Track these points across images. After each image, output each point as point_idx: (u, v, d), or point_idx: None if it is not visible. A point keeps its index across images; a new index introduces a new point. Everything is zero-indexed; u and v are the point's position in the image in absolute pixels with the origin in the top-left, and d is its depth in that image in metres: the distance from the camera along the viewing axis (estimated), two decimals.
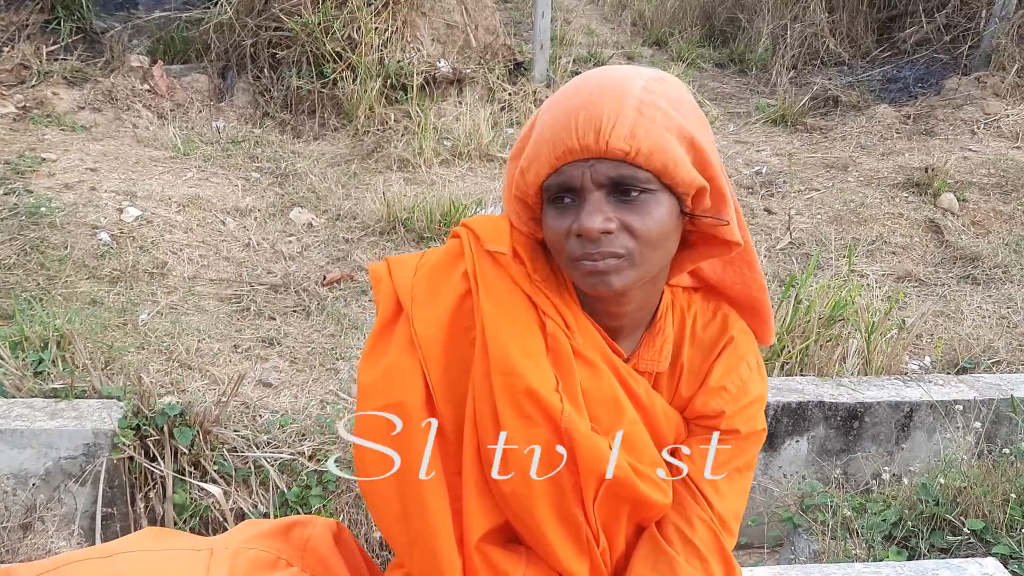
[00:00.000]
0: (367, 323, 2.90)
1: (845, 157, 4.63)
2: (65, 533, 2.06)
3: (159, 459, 2.14)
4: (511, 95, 4.84)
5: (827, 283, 3.00)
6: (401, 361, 1.02)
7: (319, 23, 4.43)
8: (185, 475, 2.14)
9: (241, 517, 2.13)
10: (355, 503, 2.22)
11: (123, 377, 2.33)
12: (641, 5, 6.87)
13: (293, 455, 2.25)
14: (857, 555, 2.09)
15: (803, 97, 5.41)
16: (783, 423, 2.51)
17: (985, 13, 5.52)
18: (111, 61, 4.62)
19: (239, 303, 2.94)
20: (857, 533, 2.17)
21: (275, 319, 2.87)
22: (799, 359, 2.72)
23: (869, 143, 4.84)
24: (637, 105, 0.92)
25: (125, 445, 2.09)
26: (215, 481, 2.16)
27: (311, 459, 2.26)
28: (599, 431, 1.02)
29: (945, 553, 2.12)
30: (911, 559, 2.04)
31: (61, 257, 2.91)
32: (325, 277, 3.17)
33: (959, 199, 4.09)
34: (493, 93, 4.80)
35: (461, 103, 4.61)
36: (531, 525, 1.03)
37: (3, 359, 2.28)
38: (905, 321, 3.07)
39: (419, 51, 4.71)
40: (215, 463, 2.18)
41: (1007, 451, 2.37)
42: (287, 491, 2.19)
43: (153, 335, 2.60)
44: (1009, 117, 4.92)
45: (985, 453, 2.50)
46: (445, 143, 4.34)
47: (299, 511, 2.18)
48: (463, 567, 1.02)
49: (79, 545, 2.06)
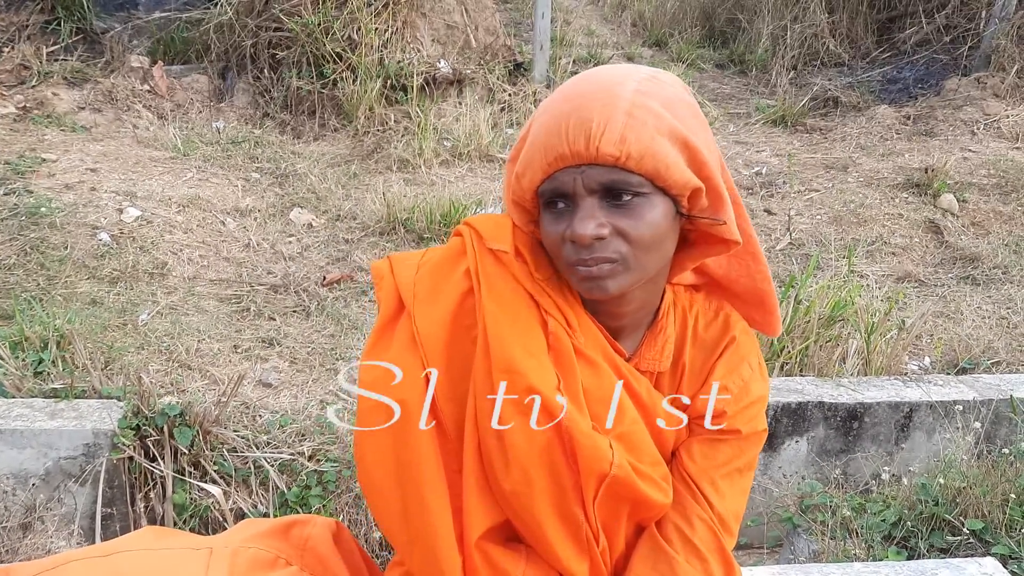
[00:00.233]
0: (367, 323, 2.90)
1: (845, 158, 4.63)
2: (65, 533, 2.06)
3: (159, 459, 2.14)
4: (511, 96, 4.84)
5: (827, 283, 3.00)
6: (403, 359, 1.02)
7: (319, 24, 4.43)
8: (185, 475, 2.14)
9: (241, 517, 2.13)
10: (355, 503, 2.22)
11: (123, 377, 2.33)
12: (641, 6, 6.87)
13: (293, 455, 2.25)
14: (856, 555, 2.09)
15: (803, 98, 5.41)
16: (783, 423, 2.51)
17: (985, 14, 5.53)
18: (111, 62, 4.62)
19: (239, 303, 2.95)
20: (856, 533, 2.18)
21: (275, 319, 2.87)
22: (799, 359, 2.72)
23: (869, 144, 4.84)
24: (628, 109, 0.92)
25: (125, 445, 2.09)
26: (215, 481, 2.16)
27: (311, 459, 2.26)
28: (600, 430, 1.02)
29: (944, 553, 2.12)
30: (910, 559, 2.04)
31: (61, 257, 2.91)
32: (325, 277, 3.17)
33: (959, 200, 4.09)
34: (493, 94, 4.80)
35: (461, 104, 4.61)
36: (531, 524, 1.03)
37: (3, 359, 2.28)
38: (905, 321, 3.07)
39: (419, 52, 4.71)
40: (215, 463, 2.18)
41: (1006, 451, 2.37)
42: (287, 491, 2.19)
43: (153, 335, 2.60)
44: (1009, 118, 4.92)
45: (984, 453, 2.51)
46: (445, 144, 4.34)
47: (299, 511, 2.18)
48: (463, 565, 1.02)
49: (79, 545, 2.06)
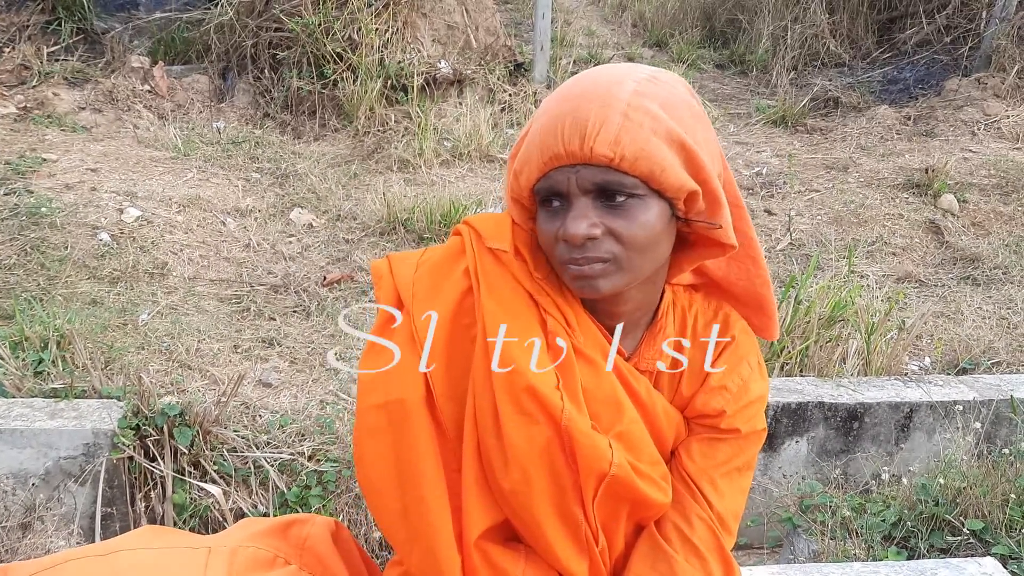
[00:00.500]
0: (367, 324, 2.90)
1: (845, 158, 4.63)
2: (64, 533, 2.06)
3: (159, 459, 2.14)
4: (511, 96, 4.84)
5: (827, 284, 3.00)
6: (402, 358, 1.02)
7: (320, 24, 4.44)
8: (185, 475, 2.14)
9: (241, 517, 2.13)
10: (355, 503, 2.22)
11: (123, 377, 2.33)
12: (641, 6, 6.87)
13: (293, 455, 2.25)
14: (856, 555, 2.09)
15: (803, 98, 5.41)
16: (783, 423, 2.51)
17: (985, 14, 5.53)
18: (112, 62, 4.62)
19: (239, 303, 2.95)
20: (856, 533, 2.17)
21: (275, 319, 2.87)
22: (799, 359, 2.72)
23: (869, 144, 4.84)
24: (624, 110, 0.92)
25: (125, 445, 2.09)
26: (215, 481, 2.16)
27: (311, 459, 2.26)
28: (599, 429, 1.02)
29: (944, 553, 2.12)
30: (910, 559, 2.04)
31: (61, 257, 2.92)
32: (325, 278, 3.17)
33: (959, 200, 4.09)
34: (493, 94, 4.80)
35: (461, 104, 4.61)
36: (530, 523, 1.03)
37: (3, 359, 2.28)
38: (905, 322, 3.07)
39: (419, 52, 4.71)
40: (215, 463, 2.18)
41: (1006, 451, 2.37)
42: (287, 491, 2.19)
43: (153, 335, 2.60)
44: (1009, 118, 4.91)
45: (984, 454, 2.50)
46: (445, 144, 4.34)
47: (299, 511, 2.18)
48: (462, 565, 1.02)
49: (78, 544, 2.06)
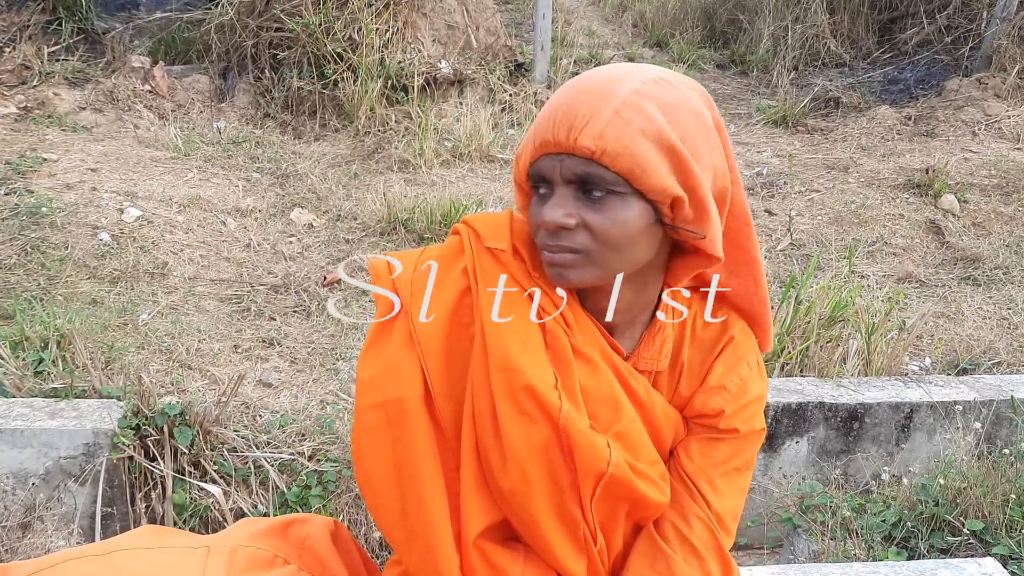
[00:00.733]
0: (367, 324, 2.90)
1: (846, 158, 4.63)
2: (64, 533, 2.06)
3: (159, 459, 2.14)
4: (512, 96, 4.84)
5: (827, 284, 2.99)
6: (400, 357, 1.02)
7: (320, 24, 4.44)
8: (185, 475, 2.14)
9: (241, 517, 2.13)
10: (355, 503, 2.22)
11: (123, 377, 2.33)
12: (642, 6, 6.87)
13: (293, 455, 2.25)
14: (856, 556, 2.09)
15: (804, 98, 5.41)
16: (783, 424, 2.51)
17: (986, 14, 5.52)
18: (112, 62, 4.62)
19: (239, 303, 2.95)
20: (857, 534, 2.17)
21: (275, 319, 2.87)
22: (799, 360, 2.72)
23: (870, 144, 4.84)
24: (617, 106, 0.92)
25: (125, 445, 2.09)
26: (215, 481, 2.16)
27: (311, 459, 2.26)
28: (597, 429, 1.02)
29: (945, 554, 2.12)
30: (911, 559, 2.04)
31: (62, 257, 2.92)
32: (325, 278, 3.18)
33: (960, 200, 4.09)
34: (494, 94, 4.80)
35: (462, 104, 4.61)
36: (529, 522, 1.03)
37: (3, 359, 2.28)
38: (905, 322, 3.07)
39: (420, 52, 4.71)
40: (215, 463, 2.18)
41: (1007, 452, 2.37)
42: (287, 491, 2.19)
43: (153, 335, 2.60)
44: (1010, 118, 4.91)
45: (985, 454, 2.50)
46: (446, 144, 4.34)
47: (299, 511, 2.18)
48: (461, 564, 1.02)
49: (78, 544, 2.06)
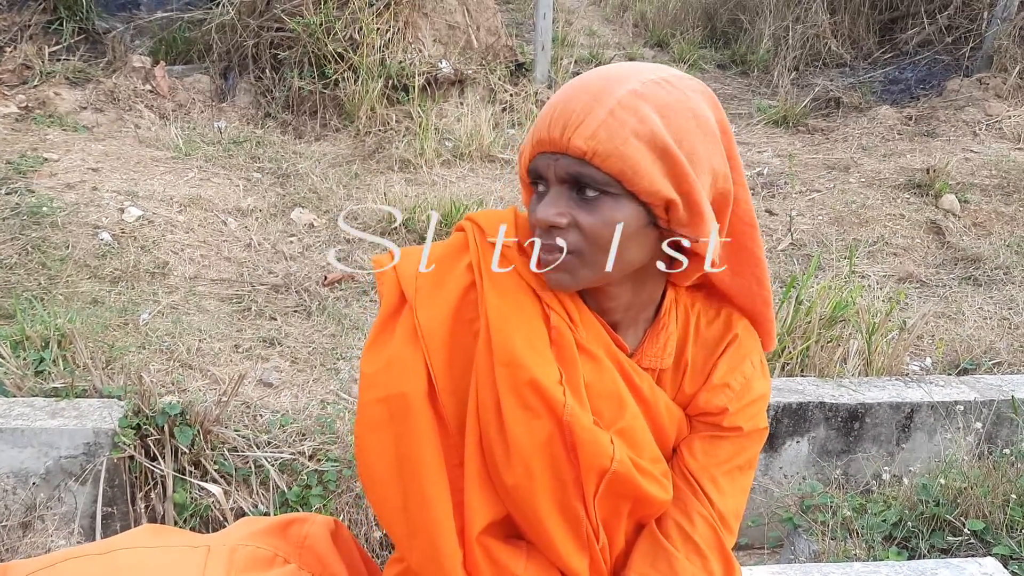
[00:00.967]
0: (367, 323, 2.90)
1: (847, 158, 4.63)
2: (65, 532, 2.06)
3: (159, 458, 2.14)
4: (512, 96, 4.84)
5: (828, 284, 2.99)
6: (404, 352, 1.02)
7: (321, 24, 4.44)
8: (185, 474, 2.14)
9: (241, 516, 2.13)
10: (355, 503, 2.22)
11: (124, 376, 2.33)
12: (643, 6, 6.87)
13: (293, 455, 2.25)
14: (857, 555, 2.09)
15: (805, 98, 5.41)
16: (784, 424, 2.51)
17: (987, 15, 5.52)
18: (113, 61, 4.62)
19: (240, 303, 2.95)
20: (857, 533, 2.17)
21: (276, 319, 2.87)
22: (800, 360, 2.72)
23: (871, 144, 4.83)
24: (612, 107, 0.93)
25: (125, 444, 2.09)
26: (215, 480, 2.16)
27: (311, 459, 2.26)
28: (601, 425, 1.02)
29: (945, 554, 2.12)
30: (911, 559, 2.04)
31: (62, 257, 2.92)
32: (326, 277, 3.18)
33: (960, 200, 4.09)
34: (494, 94, 4.80)
35: (462, 104, 4.61)
36: (532, 518, 1.03)
37: (4, 358, 2.28)
38: (906, 322, 3.07)
39: (421, 52, 4.71)
40: (215, 462, 2.18)
41: (1007, 452, 2.37)
42: (287, 491, 2.19)
43: (154, 335, 2.60)
44: (1011, 118, 4.91)
45: (985, 454, 2.50)
46: (446, 144, 4.34)
47: (299, 511, 2.18)
48: (464, 560, 1.02)
49: (78, 544, 2.06)
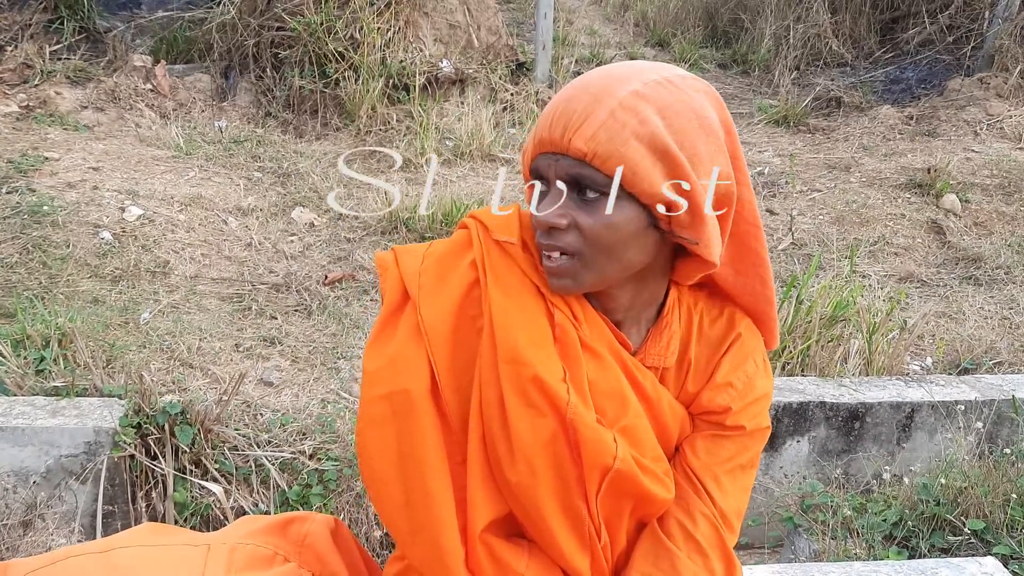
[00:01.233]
0: (368, 322, 2.90)
1: (847, 158, 4.62)
2: (65, 531, 2.06)
3: (160, 457, 2.14)
4: (513, 95, 4.84)
5: (829, 283, 2.99)
6: (407, 349, 1.02)
7: (321, 23, 4.44)
8: (186, 473, 2.14)
9: (242, 515, 2.13)
10: (356, 502, 2.22)
11: (124, 375, 2.33)
12: (643, 6, 6.86)
13: (294, 454, 2.25)
14: (857, 555, 2.09)
15: (806, 98, 5.40)
16: (784, 423, 2.51)
17: (988, 14, 5.52)
18: (114, 61, 4.62)
19: (240, 302, 2.95)
20: (857, 533, 2.17)
21: (276, 318, 2.87)
22: (800, 359, 2.72)
23: (871, 144, 4.83)
24: (613, 108, 0.92)
25: (126, 443, 2.09)
26: (216, 479, 2.16)
27: (312, 458, 2.26)
28: (604, 423, 1.02)
29: (945, 553, 2.12)
30: (911, 559, 2.04)
31: (63, 256, 2.92)
32: (327, 276, 3.18)
33: (961, 200, 4.08)
34: (495, 93, 4.80)
35: (463, 103, 4.61)
36: (535, 516, 1.03)
37: (5, 357, 2.28)
38: (907, 322, 3.07)
39: (421, 51, 4.71)
40: (216, 461, 2.18)
41: (1008, 451, 2.37)
42: (288, 490, 2.19)
43: (155, 334, 2.60)
44: (1012, 118, 4.91)
45: (986, 454, 2.50)
46: (447, 143, 4.34)
47: (300, 510, 2.18)
48: (466, 557, 1.02)
49: (79, 543, 2.06)
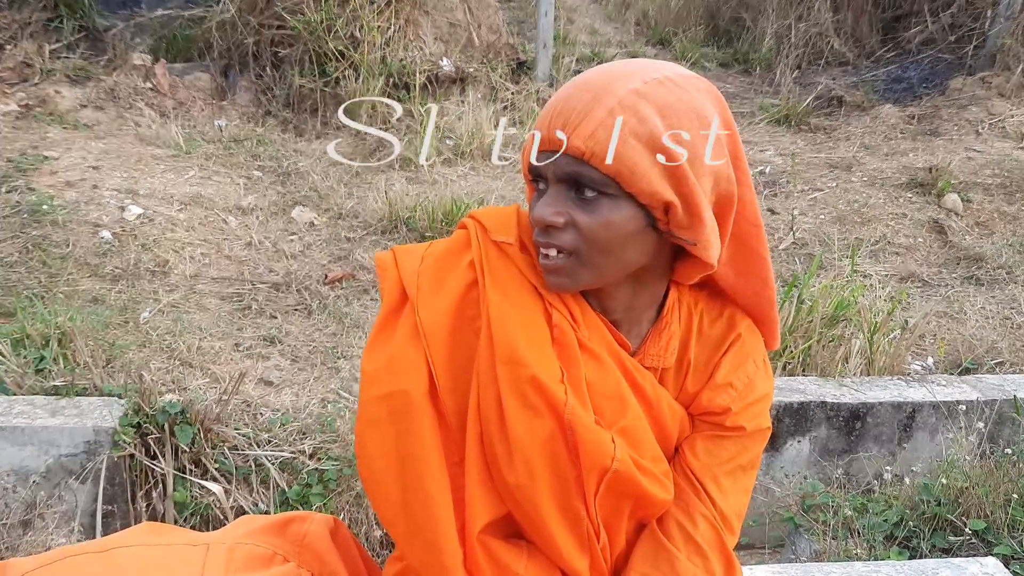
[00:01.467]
0: (368, 322, 2.90)
1: (849, 157, 4.62)
2: (65, 530, 2.06)
3: (160, 457, 2.14)
4: (514, 94, 4.84)
5: (830, 283, 2.99)
6: (405, 350, 1.02)
7: (322, 21, 4.43)
8: (186, 473, 2.14)
9: (241, 515, 2.13)
10: (356, 501, 2.22)
11: (124, 375, 2.33)
12: (645, 4, 6.86)
13: (294, 453, 2.25)
14: (858, 555, 2.09)
15: (807, 97, 5.40)
16: (785, 423, 2.51)
17: (990, 13, 5.51)
18: (114, 59, 4.62)
19: (240, 301, 2.94)
20: (858, 533, 2.17)
21: (276, 318, 2.87)
22: (801, 359, 2.72)
23: (873, 143, 4.83)
24: (612, 107, 0.92)
25: (126, 443, 2.09)
26: (216, 479, 2.16)
27: (312, 457, 2.25)
28: (602, 424, 1.02)
29: (946, 553, 2.11)
30: (912, 559, 2.03)
31: (63, 255, 2.92)
32: (327, 276, 3.17)
33: (963, 199, 4.08)
34: (496, 92, 4.80)
35: (464, 102, 4.60)
36: (534, 517, 1.02)
37: (4, 356, 2.28)
38: (908, 321, 3.06)
39: (422, 50, 4.70)
40: (216, 461, 2.18)
41: (1009, 452, 2.36)
42: (288, 489, 2.19)
43: (154, 333, 2.60)
44: (1014, 117, 4.90)
45: (987, 454, 2.49)
46: (447, 142, 4.34)
47: (299, 509, 2.18)
48: (464, 558, 1.01)
49: (79, 542, 2.06)
